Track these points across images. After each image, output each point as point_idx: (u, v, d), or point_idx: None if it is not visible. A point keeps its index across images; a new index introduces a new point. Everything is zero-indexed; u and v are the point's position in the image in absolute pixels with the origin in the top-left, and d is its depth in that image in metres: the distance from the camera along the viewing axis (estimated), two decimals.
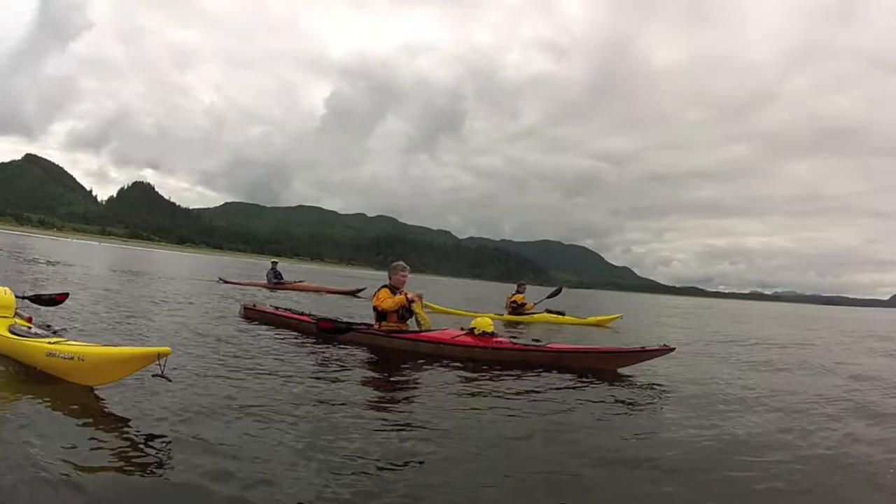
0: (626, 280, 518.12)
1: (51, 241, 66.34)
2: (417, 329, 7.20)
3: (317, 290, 19.53)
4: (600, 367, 6.64)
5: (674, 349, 6.76)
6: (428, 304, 14.96)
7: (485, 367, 6.33)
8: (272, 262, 21.08)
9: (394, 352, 6.95)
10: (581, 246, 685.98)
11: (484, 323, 7.00)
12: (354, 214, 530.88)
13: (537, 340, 7.31)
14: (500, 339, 6.97)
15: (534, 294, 15.74)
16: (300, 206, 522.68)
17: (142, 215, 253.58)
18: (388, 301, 7.15)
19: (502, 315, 14.79)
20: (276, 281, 19.59)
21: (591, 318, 15.97)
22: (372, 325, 7.39)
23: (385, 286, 7.37)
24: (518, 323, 14.08)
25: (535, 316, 14.82)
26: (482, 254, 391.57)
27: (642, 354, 6.74)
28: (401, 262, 7.55)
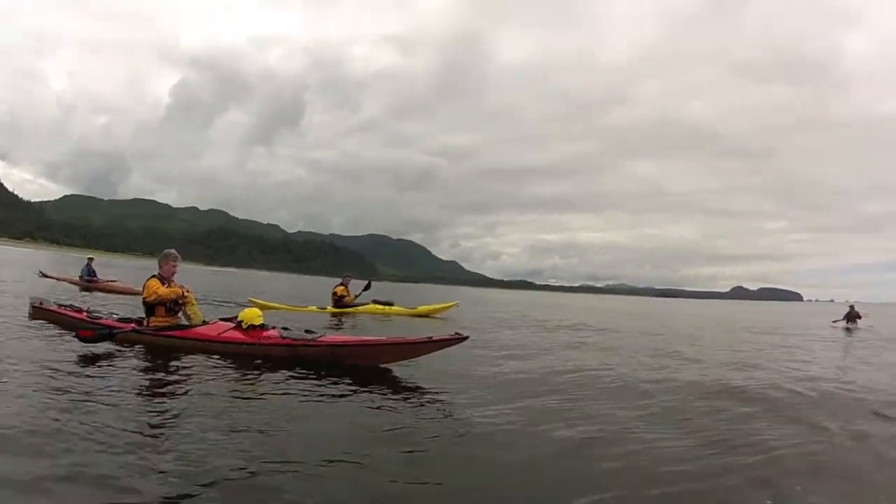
0: (453, 274, 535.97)
1: None
2: (187, 324, 6.86)
3: (125, 292, 17.12)
4: (381, 359, 6.28)
5: (467, 337, 6.20)
6: (253, 299, 14.67)
7: (255, 365, 5.91)
8: (88, 259, 19.76)
9: (163, 350, 6.45)
10: (409, 240, 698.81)
11: (251, 315, 6.58)
12: (187, 208, 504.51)
13: (311, 332, 6.74)
14: (269, 332, 6.55)
15: (357, 288, 15.70)
16: (136, 199, 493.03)
17: None
18: (163, 290, 6.77)
19: (325, 308, 14.73)
20: (87, 279, 18.36)
21: (423, 307, 16.14)
22: (142, 321, 6.96)
23: (154, 276, 6.92)
24: (342, 315, 14.00)
25: (362, 307, 14.89)
26: (310, 248, 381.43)
27: (430, 345, 6.18)
28: (172, 251, 7.21)
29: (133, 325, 6.93)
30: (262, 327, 6.55)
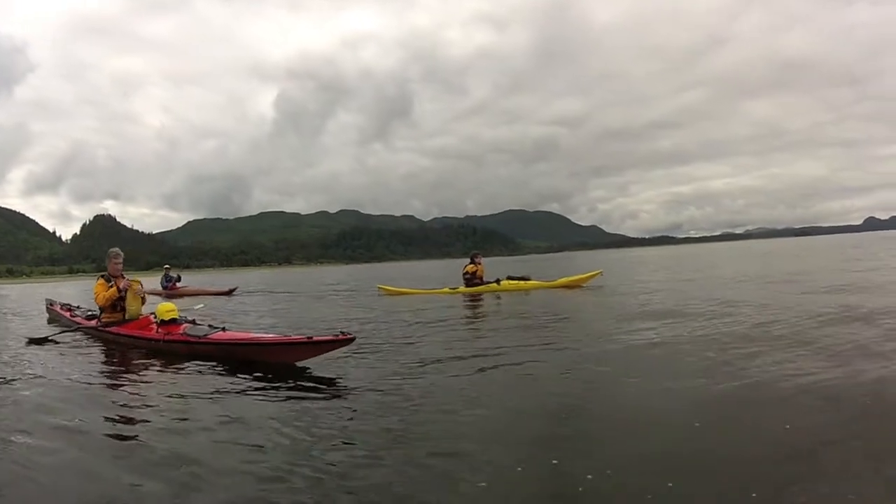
0: (595, 238, 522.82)
1: (21, 287, 61.88)
2: (125, 319, 7.21)
3: (197, 294, 20.15)
4: (275, 359, 5.75)
5: (353, 338, 5.61)
6: (382, 286, 14.65)
7: (163, 361, 5.95)
8: (165, 268, 22.64)
9: (106, 345, 7.16)
10: (547, 211, 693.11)
11: (162, 310, 6.58)
12: (317, 213, 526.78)
13: (214, 327, 6.40)
14: (180, 327, 6.48)
15: (499, 267, 15.07)
16: (262, 214, 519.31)
17: (106, 248, 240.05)
18: (101, 297, 7.20)
19: (456, 288, 14.50)
20: (167, 285, 20.61)
21: (563, 279, 15.29)
22: (95, 317, 7.88)
23: (101, 276, 7.39)
24: (476, 294, 13.68)
25: (494, 284, 14.38)
26: (448, 233, 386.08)
27: (317, 347, 5.65)
28: (114, 249, 7.52)
29: (95, 321, 7.68)
30: (174, 321, 6.53)
